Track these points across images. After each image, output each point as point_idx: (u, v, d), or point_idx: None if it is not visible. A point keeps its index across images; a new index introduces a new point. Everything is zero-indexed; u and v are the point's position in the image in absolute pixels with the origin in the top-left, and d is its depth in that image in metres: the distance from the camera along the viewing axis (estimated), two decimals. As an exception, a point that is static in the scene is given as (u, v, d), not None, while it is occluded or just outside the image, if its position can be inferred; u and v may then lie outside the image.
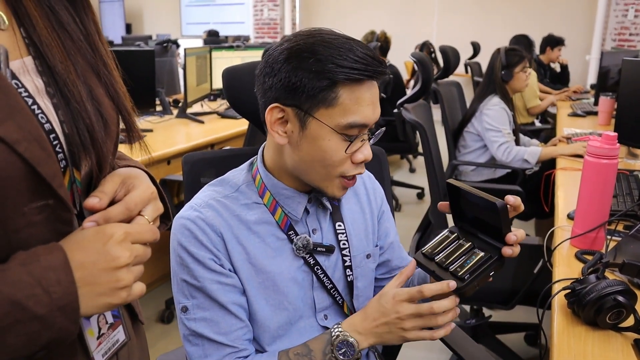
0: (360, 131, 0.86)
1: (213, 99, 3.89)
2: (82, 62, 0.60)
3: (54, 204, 0.54)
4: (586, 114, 3.53)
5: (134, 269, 0.57)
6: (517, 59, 2.74)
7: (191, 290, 0.90)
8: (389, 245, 1.11)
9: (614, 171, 1.22)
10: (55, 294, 0.50)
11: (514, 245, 0.85)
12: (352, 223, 1.03)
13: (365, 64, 0.82)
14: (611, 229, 1.34)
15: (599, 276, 0.98)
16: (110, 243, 0.54)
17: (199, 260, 0.88)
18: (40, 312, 0.49)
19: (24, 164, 0.50)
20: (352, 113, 0.84)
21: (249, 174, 0.97)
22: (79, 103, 0.57)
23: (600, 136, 1.23)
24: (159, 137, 2.67)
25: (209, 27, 7.45)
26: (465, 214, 0.92)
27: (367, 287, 1.05)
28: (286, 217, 0.94)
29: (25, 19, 0.56)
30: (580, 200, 1.28)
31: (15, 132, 0.49)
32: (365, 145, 0.89)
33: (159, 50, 3.79)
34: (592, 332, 0.96)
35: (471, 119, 2.77)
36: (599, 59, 4.16)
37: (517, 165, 2.61)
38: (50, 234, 0.54)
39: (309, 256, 0.96)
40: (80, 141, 0.57)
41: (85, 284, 0.52)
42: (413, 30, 7.52)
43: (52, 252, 0.52)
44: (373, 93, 0.86)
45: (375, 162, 1.27)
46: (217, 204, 0.92)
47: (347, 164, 0.88)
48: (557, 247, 1.31)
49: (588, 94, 4.69)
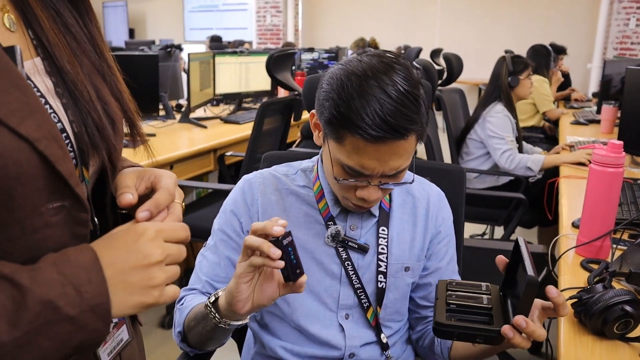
0: (364, 175, 0.87)
1: (216, 104, 3.89)
2: (87, 63, 0.60)
3: (69, 205, 0.53)
4: (589, 122, 3.52)
5: (168, 268, 0.56)
6: (523, 66, 2.76)
7: (213, 233, 1.03)
8: (435, 269, 1.05)
9: (619, 179, 1.22)
10: (87, 294, 0.49)
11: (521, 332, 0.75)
12: (398, 232, 1.02)
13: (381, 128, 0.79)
14: (616, 237, 1.34)
15: (606, 285, 0.98)
16: (141, 240, 0.54)
17: (226, 211, 1.02)
18: (72, 313, 0.48)
19: (42, 162, 0.50)
20: (352, 160, 0.85)
21: (312, 164, 1.05)
22: (88, 102, 0.57)
23: (605, 144, 1.23)
24: (161, 142, 2.66)
25: (211, 32, 7.48)
26: (515, 281, 0.82)
27: (398, 301, 1.03)
28: (328, 209, 0.99)
29: (33, 20, 0.56)
30: (585, 209, 1.27)
31: (35, 130, 0.49)
32: (368, 188, 0.88)
33: (163, 55, 3.80)
34: (599, 342, 0.95)
35: (474, 125, 2.77)
36: (600, 68, 4.16)
37: (520, 173, 2.61)
38: (67, 236, 0.54)
39: (342, 249, 0.98)
40: (89, 139, 0.57)
41: (116, 283, 0.52)
42: (415, 37, 7.54)
43: (82, 252, 0.51)
44: (381, 151, 0.82)
45: (454, 180, 1.23)
46: (272, 177, 1.03)
47: (350, 192, 0.91)
48: (562, 256, 1.30)
49: (590, 102, 4.69)
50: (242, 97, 3.75)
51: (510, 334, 0.75)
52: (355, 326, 1.00)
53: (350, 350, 0.99)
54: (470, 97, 3.81)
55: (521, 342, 0.76)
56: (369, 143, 0.81)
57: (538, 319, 0.78)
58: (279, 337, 1.01)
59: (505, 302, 0.83)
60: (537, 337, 0.75)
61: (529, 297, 0.73)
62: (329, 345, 0.99)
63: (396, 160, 0.84)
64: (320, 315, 0.99)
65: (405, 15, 7.91)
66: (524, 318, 0.74)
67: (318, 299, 0.99)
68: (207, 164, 2.76)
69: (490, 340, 0.78)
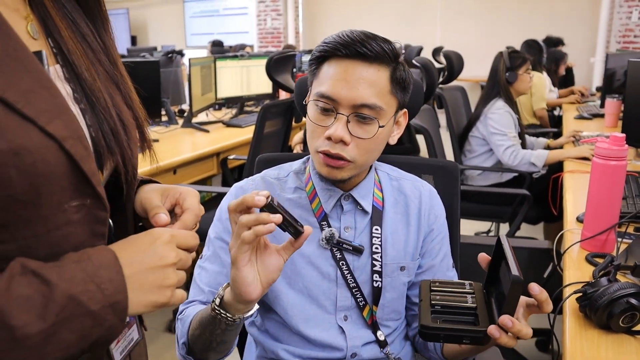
0: (333, 106, 0.90)
1: (218, 108, 3.90)
2: (102, 71, 0.63)
3: (90, 203, 0.56)
4: (592, 116, 3.51)
5: (178, 272, 0.59)
6: (520, 61, 2.74)
7: (209, 243, 1.01)
8: (429, 267, 1.05)
9: (622, 172, 1.21)
10: (107, 291, 0.52)
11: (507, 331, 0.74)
12: (392, 231, 1.02)
13: (339, 42, 0.89)
14: (621, 231, 1.33)
15: (611, 279, 0.97)
16: (157, 243, 0.57)
17: (222, 220, 1.00)
18: (93, 308, 0.50)
19: (68, 161, 0.52)
20: (322, 85, 0.91)
21: (304, 165, 1.05)
22: (104, 109, 0.60)
23: (608, 138, 1.22)
24: (164, 147, 2.67)
25: (213, 37, 7.48)
26: (498, 278, 0.82)
27: (396, 300, 1.03)
28: (322, 208, 0.98)
29: (54, 29, 0.59)
30: (589, 203, 1.27)
31: (63, 129, 0.52)
32: (337, 123, 0.90)
33: (164, 60, 3.80)
34: (605, 336, 0.94)
35: (476, 123, 2.76)
36: (604, 61, 4.14)
37: (524, 169, 2.59)
38: (87, 234, 0.57)
39: (337, 251, 0.98)
40: (105, 144, 0.59)
41: (134, 282, 0.54)
42: (416, 37, 7.53)
43: (101, 252, 0.54)
44: (350, 71, 0.89)
45: (446, 177, 1.23)
46: (263, 181, 1.03)
47: (320, 139, 0.92)
48: (567, 251, 1.30)
49: (594, 96, 4.67)
50: (243, 101, 3.75)
51: (497, 334, 0.75)
52: (354, 327, 1.00)
53: (352, 351, 0.99)
54: (472, 94, 3.79)
55: (508, 341, 0.76)
56: (338, 62, 0.90)
57: (523, 317, 0.78)
58: (280, 340, 1.01)
59: (489, 300, 0.82)
60: (523, 336, 0.75)
61: (514, 296, 0.73)
62: (331, 347, 0.99)
63: (364, 87, 0.89)
64: (319, 319, 0.99)
65: (406, 16, 7.89)
66: (510, 318, 0.74)
67: (316, 302, 0.98)
68: (210, 168, 2.77)
69: (476, 340, 0.78)
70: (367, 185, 1.01)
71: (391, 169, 1.09)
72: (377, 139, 0.92)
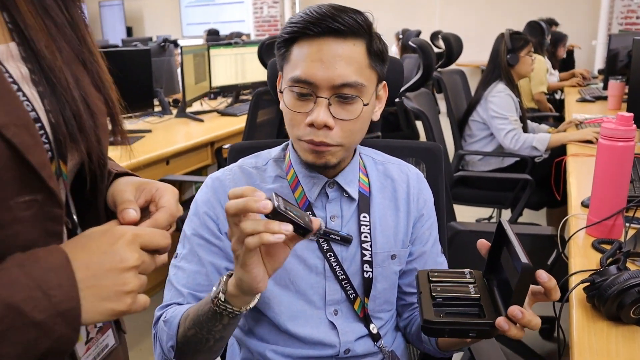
0: (311, 90, 0.83)
1: (213, 97, 3.84)
2: (67, 48, 0.56)
3: (42, 199, 0.50)
4: (595, 99, 3.45)
5: (141, 276, 0.53)
6: (522, 43, 2.67)
7: (184, 240, 0.94)
8: (420, 254, 1.01)
9: (630, 154, 1.15)
10: (56, 298, 0.46)
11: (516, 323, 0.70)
12: (380, 218, 0.97)
13: (308, 20, 0.82)
14: (629, 215, 1.27)
15: (620, 267, 0.91)
16: (118, 244, 0.51)
17: (199, 214, 0.93)
18: (38, 318, 0.45)
19: (10, 151, 0.46)
20: (296, 68, 0.84)
21: (283, 152, 0.99)
22: (66, 90, 0.53)
23: (614, 118, 1.16)
24: (157, 138, 2.62)
25: (209, 26, 7.39)
26: (499, 265, 0.78)
27: (387, 290, 0.98)
28: (305, 197, 0.92)
29: (9, 2, 0.52)
30: (595, 187, 1.21)
31: (2, 115, 0.46)
32: (317, 107, 0.83)
33: (157, 50, 3.73)
34: (615, 327, 0.89)
35: (476, 106, 2.69)
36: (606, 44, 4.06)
37: (526, 153, 2.54)
38: (39, 233, 0.51)
39: (324, 242, 0.92)
40: (67, 131, 0.53)
41: (88, 287, 0.49)
42: (415, 21, 7.43)
43: (52, 253, 0.48)
44: (324, 50, 0.82)
45: (429, 158, 1.17)
46: (241, 171, 0.96)
47: (302, 126, 0.85)
48: (573, 237, 1.24)
49: (596, 79, 4.60)
50: (239, 89, 3.69)
51: (506, 326, 0.70)
52: (345, 321, 0.95)
53: (345, 347, 0.94)
54: (472, 79, 3.72)
55: (517, 333, 0.71)
56: (310, 42, 0.83)
57: (528, 305, 0.73)
58: (266, 341, 0.95)
59: (491, 289, 0.78)
60: (533, 327, 0.71)
61: (524, 285, 0.68)
62: (322, 345, 0.93)
63: (342, 66, 0.82)
64: (307, 316, 0.93)
65: (404, 3, 7.79)
66: (519, 308, 0.69)
67: (304, 298, 0.93)
68: (204, 158, 2.72)
69: (483, 333, 0.73)
70: (352, 170, 0.96)
71: (375, 153, 1.04)
72: (362, 118, 0.86)
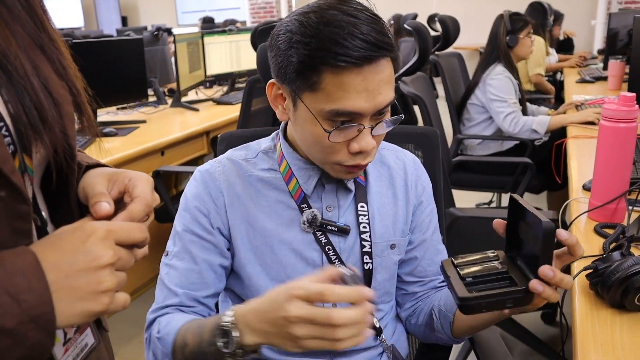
0: (354, 119, 0.77)
1: (209, 86, 3.79)
2: (22, 33, 0.52)
3: (6, 196, 0.47)
4: (595, 79, 3.40)
5: (118, 273, 0.51)
6: (522, 24, 2.62)
7: (175, 237, 0.91)
8: (420, 242, 0.99)
9: (633, 135, 1.11)
10: (26, 303, 0.43)
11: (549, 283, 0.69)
12: (379, 207, 0.94)
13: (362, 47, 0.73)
14: (632, 199, 1.24)
15: (624, 253, 0.88)
16: (90, 241, 0.48)
17: (189, 209, 0.90)
18: (9, 326, 0.42)
19: None
20: (335, 100, 0.76)
21: (273, 142, 0.95)
22: (23, 78, 0.50)
23: (616, 98, 1.12)
24: (152, 128, 2.58)
25: (204, 14, 7.31)
26: (519, 240, 0.77)
27: (387, 281, 0.96)
28: (300, 188, 0.90)
29: None
30: (597, 169, 1.18)
31: None
32: (362, 135, 0.79)
33: (150, 39, 3.68)
34: (620, 315, 0.86)
35: (474, 89, 2.65)
36: (605, 24, 4.01)
37: (526, 136, 2.50)
38: (7, 232, 0.48)
39: (321, 234, 0.89)
40: (28, 121, 0.49)
41: (61, 288, 0.46)
42: (413, 3, 7.34)
43: (19, 255, 0.45)
44: (368, 78, 0.75)
45: (425, 144, 1.13)
46: (231, 163, 0.92)
47: (342, 152, 0.81)
48: (574, 221, 1.21)
49: (596, 59, 4.54)
50: (234, 77, 3.64)
51: (540, 287, 0.69)
52: None
53: None
54: (471, 62, 3.66)
55: (551, 294, 0.70)
56: (352, 72, 0.74)
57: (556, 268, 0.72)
58: None
59: (516, 263, 0.77)
60: (565, 285, 0.70)
61: (549, 246, 0.69)
62: None
63: (385, 90, 0.77)
64: None
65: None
66: (550, 267, 0.69)
67: None
68: (200, 147, 2.69)
69: (520, 301, 0.73)
70: None
71: None
72: None
